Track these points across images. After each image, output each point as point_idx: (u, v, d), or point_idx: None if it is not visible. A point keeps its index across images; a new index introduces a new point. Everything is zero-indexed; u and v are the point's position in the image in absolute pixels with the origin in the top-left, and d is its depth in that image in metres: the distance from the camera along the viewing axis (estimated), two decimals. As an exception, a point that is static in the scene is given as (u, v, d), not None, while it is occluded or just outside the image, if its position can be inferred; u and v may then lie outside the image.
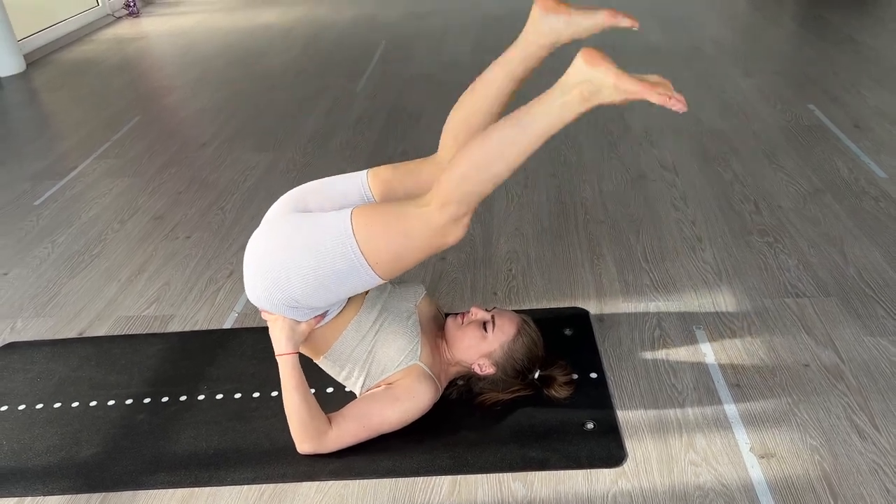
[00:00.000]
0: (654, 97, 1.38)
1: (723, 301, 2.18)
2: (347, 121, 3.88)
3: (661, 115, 3.58)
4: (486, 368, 1.81)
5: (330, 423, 1.71)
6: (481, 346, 1.80)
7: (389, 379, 1.76)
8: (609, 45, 4.73)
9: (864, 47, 4.28)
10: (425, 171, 1.74)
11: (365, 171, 1.77)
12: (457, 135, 1.70)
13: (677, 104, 1.38)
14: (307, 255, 1.59)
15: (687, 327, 2.08)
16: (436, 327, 1.90)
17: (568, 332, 2.09)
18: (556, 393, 1.83)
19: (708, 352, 1.98)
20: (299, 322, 1.72)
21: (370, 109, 4.01)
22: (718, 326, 2.08)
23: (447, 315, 1.93)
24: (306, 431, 1.69)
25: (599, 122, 3.56)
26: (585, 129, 3.48)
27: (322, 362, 1.83)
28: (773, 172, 2.93)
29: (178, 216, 3.00)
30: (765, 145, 3.17)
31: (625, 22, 1.49)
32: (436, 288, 2.37)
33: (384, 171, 1.75)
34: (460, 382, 1.88)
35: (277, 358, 1.72)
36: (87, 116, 4.30)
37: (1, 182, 3.46)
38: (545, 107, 1.48)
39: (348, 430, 1.71)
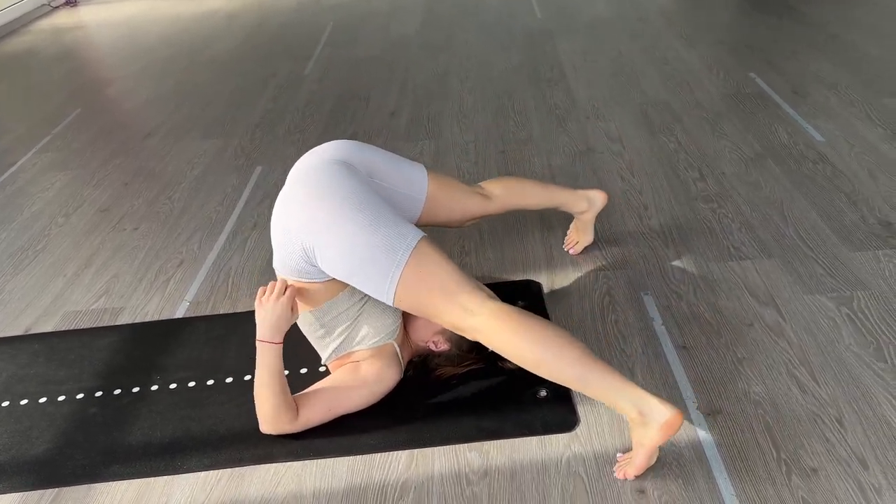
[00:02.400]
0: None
1: (669, 267, 2.23)
2: (296, 105, 3.84)
3: (606, 88, 3.62)
4: (440, 345, 1.83)
5: (297, 407, 1.70)
6: (432, 323, 1.82)
7: (362, 354, 1.77)
8: (562, 16, 4.77)
9: (805, 16, 4.38)
10: (471, 202, 2.01)
11: (425, 172, 1.94)
12: (504, 192, 2.07)
13: None
14: (351, 258, 1.60)
15: (635, 294, 2.13)
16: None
17: (521, 303, 2.12)
18: (509, 364, 1.86)
19: (656, 316, 2.03)
20: (292, 312, 1.71)
21: (318, 93, 3.97)
22: (665, 291, 2.13)
23: None
24: (277, 416, 1.67)
25: (547, 97, 3.58)
26: (534, 105, 3.51)
27: (305, 316, 1.80)
28: (716, 140, 2.99)
29: (125, 208, 2.94)
30: (708, 114, 3.24)
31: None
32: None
33: (443, 182, 1.96)
34: (416, 360, 1.90)
35: (260, 343, 1.69)
36: (26, 110, 4.17)
37: (-63, 181, 3.34)
38: (607, 392, 1.54)
39: (316, 413, 1.71)
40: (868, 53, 3.72)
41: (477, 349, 1.85)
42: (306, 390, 1.75)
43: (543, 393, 1.80)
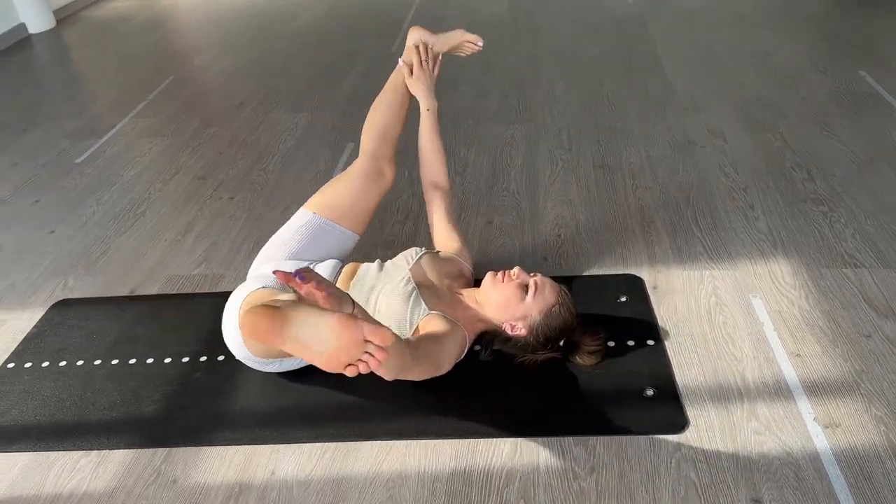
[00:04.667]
0: None
1: (779, 270, 2.16)
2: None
3: (704, 80, 3.51)
4: (518, 330, 1.80)
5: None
6: (518, 307, 1.79)
7: (414, 333, 1.73)
8: (655, 3, 4.61)
9: (914, 13, 4.16)
10: (363, 179, 2.01)
11: (303, 207, 2.01)
12: (376, 141, 2.09)
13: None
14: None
15: (743, 296, 2.06)
16: (455, 281, 1.90)
17: (623, 299, 2.08)
18: (581, 360, 1.82)
19: (766, 321, 1.96)
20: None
21: (407, 71, 3.94)
22: (776, 295, 2.05)
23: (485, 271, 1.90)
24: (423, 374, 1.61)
25: (642, 86, 3.49)
26: (628, 94, 3.42)
27: None
28: (824, 140, 2.87)
29: (221, 176, 2.99)
30: (814, 112, 3.10)
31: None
32: (484, 252, 2.36)
33: (322, 196, 2.01)
34: (494, 347, 1.86)
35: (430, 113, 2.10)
36: (120, 75, 4.28)
37: (40, 139, 3.46)
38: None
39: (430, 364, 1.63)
40: None
41: (552, 342, 1.81)
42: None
43: (650, 392, 1.76)
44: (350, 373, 1.24)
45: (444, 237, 2.05)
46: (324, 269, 1.88)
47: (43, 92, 4.13)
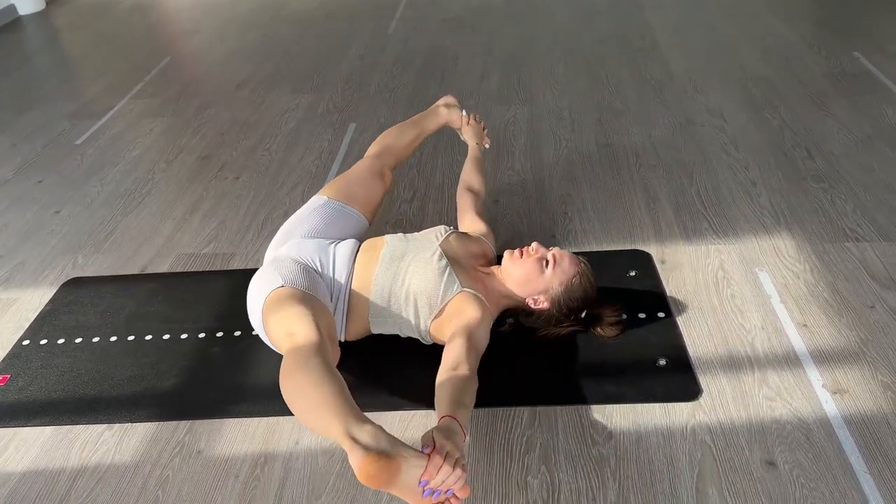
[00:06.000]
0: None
1: (783, 245, 2.20)
2: (383, 64, 3.84)
3: (703, 61, 3.55)
4: (540, 303, 1.84)
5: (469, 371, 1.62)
6: (539, 281, 1.83)
7: (443, 310, 1.76)
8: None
9: (905, -4, 4.21)
10: (367, 176, 2.13)
11: (319, 193, 2.08)
12: (384, 152, 2.23)
13: None
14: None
15: (749, 269, 2.11)
16: (478, 261, 1.93)
17: (632, 273, 2.12)
18: (602, 332, 1.87)
19: (772, 293, 2.01)
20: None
21: (405, 53, 3.96)
22: (781, 269, 2.10)
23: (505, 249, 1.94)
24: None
25: (641, 67, 3.53)
26: (628, 75, 3.45)
27: (374, 329, 1.85)
28: (822, 119, 2.92)
29: (224, 157, 2.99)
30: (812, 92, 3.15)
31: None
32: (493, 231, 2.38)
33: (336, 182, 2.10)
34: (509, 320, 1.90)
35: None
36: (115, 57, 4.25)
37: (37, 121, 3.43)
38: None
39: (474, 360, 1.65)
40: (979, 38, 3.58)
41: (575, 312, 1.85)
42: (449, 351, 1.65)
43: (663, 362, 1.80)
44: None
45: (472, 222, 2.10)
46: (344, 247, 1.90)
47: (36, 74, 4.09)
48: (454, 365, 1.58)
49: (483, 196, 2.23)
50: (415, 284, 1.78)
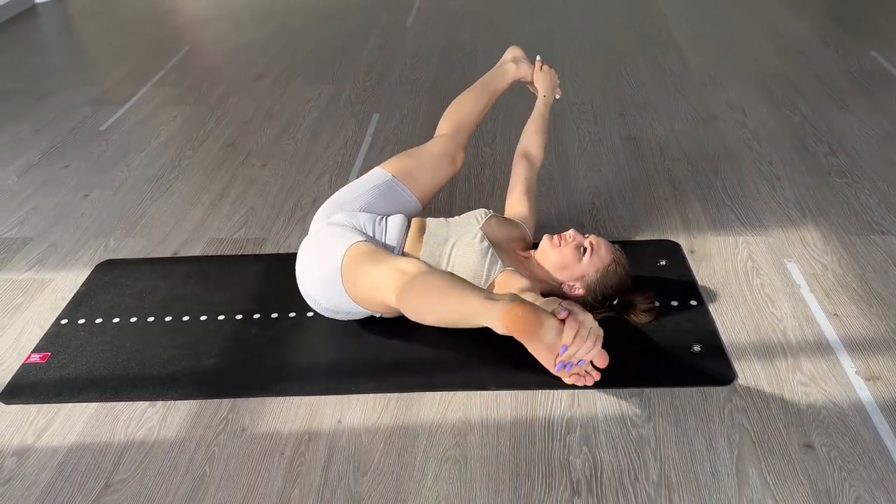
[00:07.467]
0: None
1: (810, 237, 2.24)
2: (402, 55, 3.86)
3: (720, 56, 3.58)
4: (576, 290, 1.88)
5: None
6: (576, 268, 1.86)
7: (488, 289, 1.80)
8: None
9: (919, -3, 4.26)
10: (437, 154, 2.09)
11: (379, 167, 2.08)
12: (455, 126, 2.16)
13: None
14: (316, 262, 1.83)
15: (778, 260, 2.14)
16: (517, 244, 1.97)
17: (662, 262, 2.15)
18: (636, 318, 1.90)
19: (802, 283, 2.04)
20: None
21: (424, 45, 3.98)
22: (809, 260, 2.13)
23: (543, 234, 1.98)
24: None
25: (659, 61, 3.56)
26: (647, 69, 3.48)
27: None
28: (842, 116, 2.95)
29: (250, 145, 3.01)
30: (830, 89, 3.19)
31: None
32: (537, 209, 2.40)
33: (400, 159, 2.08)
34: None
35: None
36: (132, 44, 4.26)
37: (61, 108, 3.45)
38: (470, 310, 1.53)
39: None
40: None
41: (609, 300, 1.89)
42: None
43: (697, 348, 1.83)
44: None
45: (518, 201, 2.12)
46: (394, 222, 1.93)
47: (53, 61, 4.10)
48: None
49: (539, 163, 2.21)
50: (459, 264, 1.81)
